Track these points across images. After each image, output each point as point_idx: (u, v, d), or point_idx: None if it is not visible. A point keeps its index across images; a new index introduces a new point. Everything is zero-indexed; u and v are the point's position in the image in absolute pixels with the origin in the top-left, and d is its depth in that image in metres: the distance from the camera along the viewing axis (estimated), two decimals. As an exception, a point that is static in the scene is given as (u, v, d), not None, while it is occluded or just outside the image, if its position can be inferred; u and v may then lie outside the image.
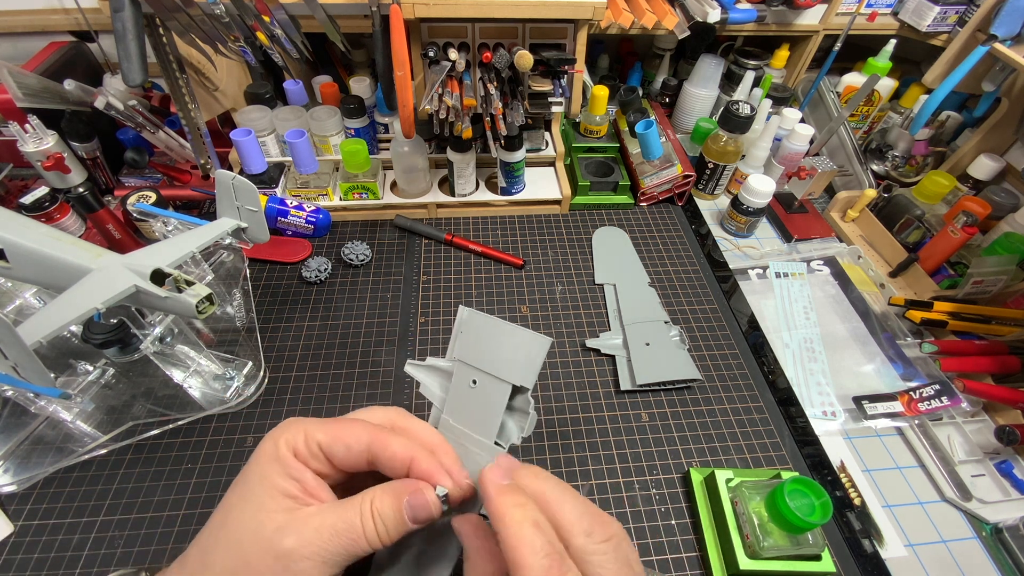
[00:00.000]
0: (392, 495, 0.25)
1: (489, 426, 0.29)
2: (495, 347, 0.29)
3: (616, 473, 0.51)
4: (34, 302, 0.57)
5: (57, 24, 0.74)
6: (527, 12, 0.61)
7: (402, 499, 0.25)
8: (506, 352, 0.29)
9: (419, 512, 0.25)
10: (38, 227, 0.41)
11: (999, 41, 0.70)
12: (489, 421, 0.29)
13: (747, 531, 0.43)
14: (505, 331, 0.29)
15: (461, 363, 0.30)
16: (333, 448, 0.26)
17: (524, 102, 0.66)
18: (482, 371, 0.29)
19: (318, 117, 0.74)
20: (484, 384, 0.29)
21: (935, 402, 0.55)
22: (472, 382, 0.29)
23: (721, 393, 0.58)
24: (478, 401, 0.29)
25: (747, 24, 0.82)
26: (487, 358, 0.29)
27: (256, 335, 0.60)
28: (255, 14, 0.56)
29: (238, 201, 0.48)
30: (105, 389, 0.53)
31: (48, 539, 0.45)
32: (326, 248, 0.71)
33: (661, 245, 0.74)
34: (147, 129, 0.69)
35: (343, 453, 0.26)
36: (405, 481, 0.26)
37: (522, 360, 0.28)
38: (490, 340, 0.29)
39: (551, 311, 0.65)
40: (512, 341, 0.29)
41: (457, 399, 0.30)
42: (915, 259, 0.68)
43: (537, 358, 0.28)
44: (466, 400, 0.30)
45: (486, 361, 0.29)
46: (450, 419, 0.30)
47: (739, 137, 0.76)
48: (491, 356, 0.29)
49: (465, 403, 0.30)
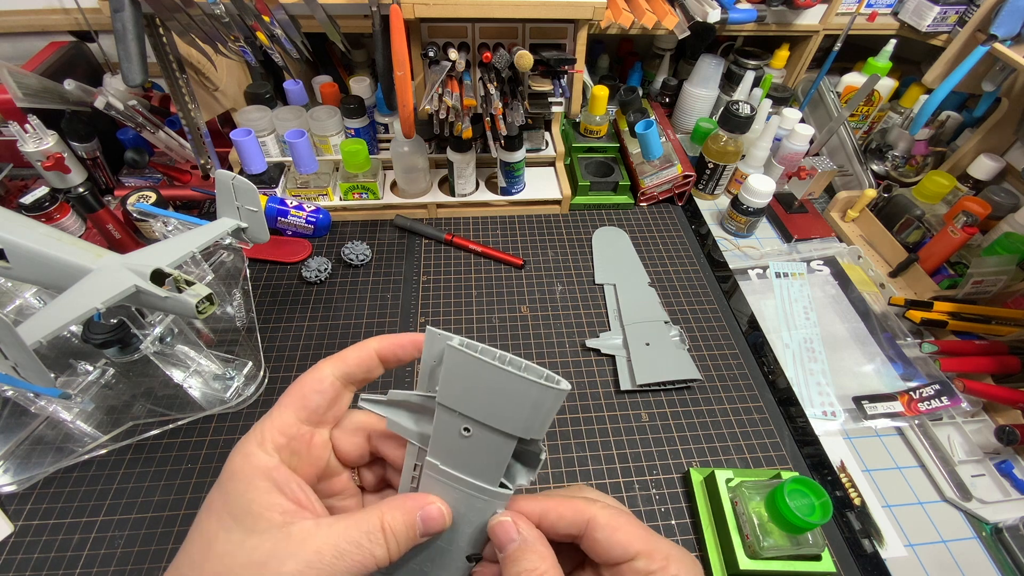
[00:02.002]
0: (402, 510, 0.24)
1: (491, 473, 0.24)
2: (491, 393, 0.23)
3: (616, 473, 0.51)
4: (34, 302, 0.57)
5: (57, 24, 0.74)
6: (527, 12, 0.61)
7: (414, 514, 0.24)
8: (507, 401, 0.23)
9: (431, 525, 0.24)
10: (38, 227, 0.41)
11: (999, 41, 0.70)
12: (491, 468, 0.24)
13: (747, 531, 0.43)
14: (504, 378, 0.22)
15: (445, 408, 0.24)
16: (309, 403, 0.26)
17: (524, 102, 0.66)
18: (477, 421, 0.23)
19: (318, 117, 0.74)
20: (481, 435, 0.24)
21: (935, 402, 0.55)
22: (464, 430, 0.24)
23: (721, 393, 0.58)
24: (474, 450, 0.24)
25: (747, 24, 0.82)
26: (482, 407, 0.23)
27: (256, 335, 0.60)
28: (255, 14, 0.56)
29: (238, 201, 0.48)
30: (105, 389, 0.53)
31: (48, 539, 0.45)
32: (326, 248, 0.71)
33: (661, 245, 0.74)
34: (147, 129, 0.69)
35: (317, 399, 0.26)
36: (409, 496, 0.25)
37: (530, 412, 0.23)
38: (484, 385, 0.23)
39: (551, 311, 0.65)
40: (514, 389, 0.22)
41: (445, 444, 0.24)
42: (915, 259, 0.68)
43: (549, 410, 0.23)
44: (457, 446, 0.24)
45: (480, 410, 0.23)
46: (438, 463, 0.25)
47: (739, 137, 0.76)
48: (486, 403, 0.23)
49: (457, 448, 0.24)
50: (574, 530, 0.25)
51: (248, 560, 0.21)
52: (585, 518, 0.25)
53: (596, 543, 0.24)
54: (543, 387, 0.22)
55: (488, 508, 0.25)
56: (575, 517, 0.25)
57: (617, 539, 0.24)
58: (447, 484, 0.25)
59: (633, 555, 0.24)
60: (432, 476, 0.25)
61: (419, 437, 0.25)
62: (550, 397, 0.22)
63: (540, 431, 0.23)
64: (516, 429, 0.23)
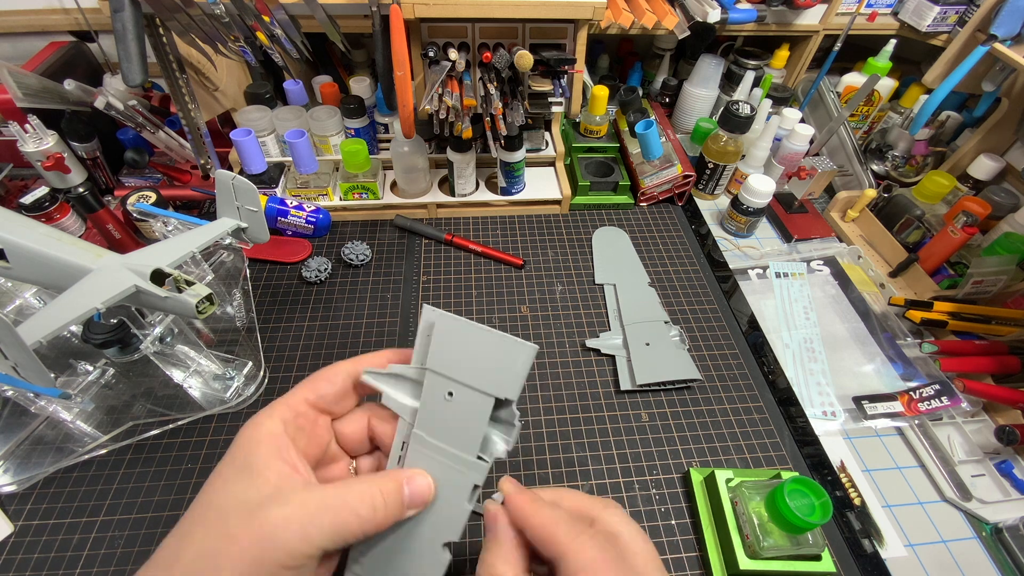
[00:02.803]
0: (390, 478, 0.26)
1: (470, 441, 0.26)
2: (472, 355, 0.26)
3: (616, 473, 0.51)
4: (34, 302, 0.57)
5: (57, 24, 0.74)
6: (527, 12, 0.61)
7: (402, 483, 0.26)
8: (486, 361, 0.26)
9: (417, 497, 0.26)
10: (38, 227, 0.41)
11: (999, 41, 0.70)
12: (470, 435, 0.26)
13: (747, 531, 0.43)
14: (484, 338, 0.26)
15: (433, 372, 0.27)
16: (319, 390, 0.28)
17: (524, 102, 0.65)
18: (459, 382, 0.26)
19: (318, 117, 0.74)
20: (462, 396, 0.26)
21: (935, 402, 0.55)
22: (448, 394, 0.26)
23: (721, 393, 0.58)
24: (456, 415, 0.26)
25: (747, 24, 0.82)
26: (464, 368, 0.26)
27: (256, 335, 0.60)
28: (255, 14, 0.56)
29: (238, 201, 0.48)
30: (105, 389, 0.53)
31: (48, 539, 0.45)
32: (326, 248, 0.71)
33: (661, 245, 0.74)
34: (147, 129, 0.69)
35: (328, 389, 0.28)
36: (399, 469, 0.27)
37: (505, 370, 0.25)
38: (466, 347, 0.26)
39: (551, 311, 0.65)
40: (492, 348, 0.25)
41: (430, 412, 0.27)
42: (915, 259, 0.68)
43: (522, 367, 0.25)
44: (441, 413, 0.27)
45: (463, 371, 0.26)
46: (423, 434, 0.27)
47: (739, 137, 0.76)
48: (468, 365, 0.26)
49: (440, 416, 0.27)
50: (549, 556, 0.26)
51: (242, 505, 0.23)
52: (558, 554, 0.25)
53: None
54: (515, 343, 0.25)
55: (466, 483, 0.27)
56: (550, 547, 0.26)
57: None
58: (429, 456, 0.27)
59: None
60: (417, 449, 0.27)
61: (409, 412, 0.28)
62: (523, 353, 0.25)
63: (514, 390, 0.26)
64: (492, 387, 0.26)
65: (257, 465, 0.24)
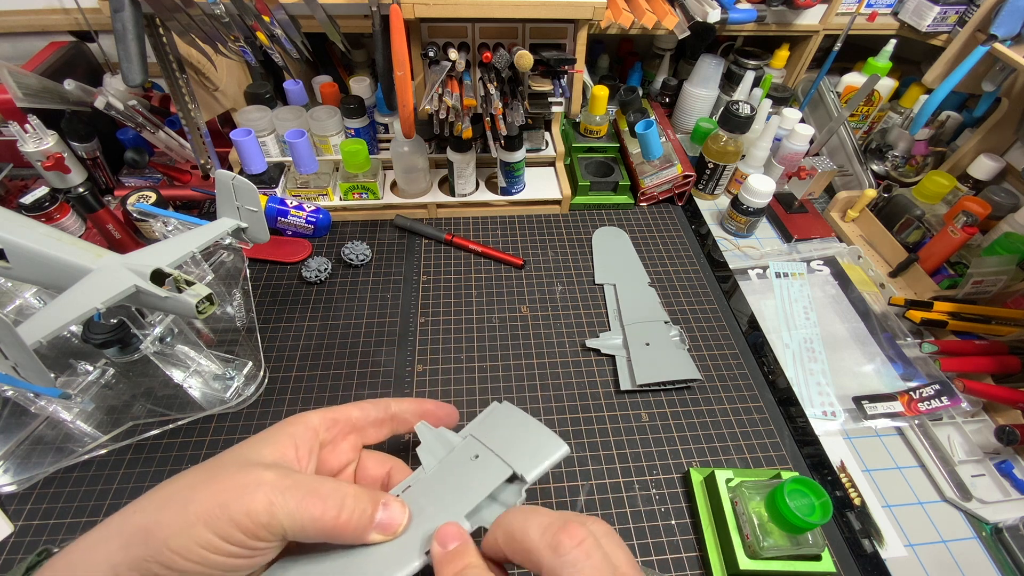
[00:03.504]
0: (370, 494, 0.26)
1: (467, 501, 0.27)
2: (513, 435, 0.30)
3: (616, 473, 0.51)
4: (34, 302, 0.57)
5: (57, 24, 0.74)
6: (527, 12, 0.61)
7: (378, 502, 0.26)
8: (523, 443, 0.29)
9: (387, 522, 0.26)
10: (38, 227, 0.41)
11: (999, 41, 0.70)
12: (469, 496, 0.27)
13: (747, 531, 0.43)
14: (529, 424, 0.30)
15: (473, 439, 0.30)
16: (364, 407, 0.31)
17: (524, 102, 0.66)
18: (490, 450, 0.29)
19: (318, 117, 0.74)
20: (485, 461, 0.29)
21: (935, 402, 0.55)
22: (474, 456, 0.29)
23: (721, 393, 0.58)
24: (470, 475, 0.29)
25: (747, 24, 0.82)
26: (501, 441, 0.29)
27: (256, 335, 0.60)
28: (255, 14, 0.56)
29: (238, 201, 0.48)
30: (105, 389, 0.53)
31: (48, 539, 0.45)
32: (326, 248, 0.71)
33: (661, 245, 0.74)
34: (147, 129, 0.69)
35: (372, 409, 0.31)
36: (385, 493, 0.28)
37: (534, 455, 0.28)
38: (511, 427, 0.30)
39: (551, 311, 0.65)
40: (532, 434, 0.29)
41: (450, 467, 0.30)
42: (915, 259, 0.68)
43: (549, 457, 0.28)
44: (458, 471, 0.29)
45: (499, 443, 0.29)
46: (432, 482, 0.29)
47: (739, 137, 0.76)
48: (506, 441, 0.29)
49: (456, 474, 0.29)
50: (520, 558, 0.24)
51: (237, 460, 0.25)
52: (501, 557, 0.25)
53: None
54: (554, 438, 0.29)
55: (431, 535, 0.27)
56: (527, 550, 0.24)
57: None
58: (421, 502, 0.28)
59: None
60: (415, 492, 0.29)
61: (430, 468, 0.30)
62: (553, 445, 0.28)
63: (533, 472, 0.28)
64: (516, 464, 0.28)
65: (272, 438, 0.27)
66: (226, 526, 0.22)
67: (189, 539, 0.22)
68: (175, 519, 0.22)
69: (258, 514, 0.22)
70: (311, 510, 0.23)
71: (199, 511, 0.22)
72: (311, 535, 0.24)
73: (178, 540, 0.22)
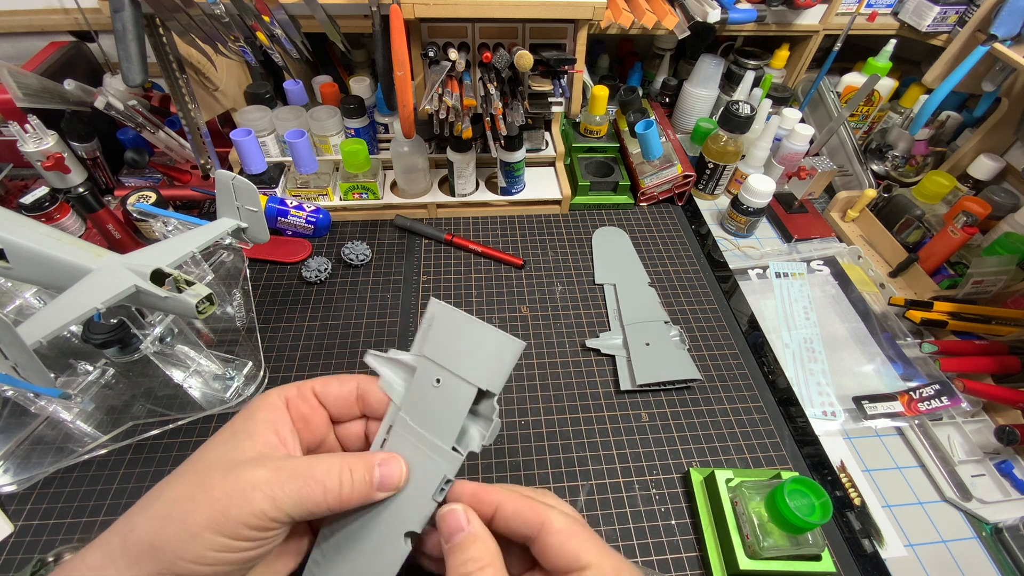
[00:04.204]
0: (363, 459, 0.26)
1: (448, 430, 0.27)
2: (465, 346, 0.27)
3: (616, 473, 0.51)
4: (34, 302, 0.57)
5: (57, 24, 0.74)
6: (527, 12, 0.61)
7: (374, 464, 0.26)
8: (476, 353, 0.27)
9: (387, 480, 0.26)
10: (38, 227, 0.41)
11: (999, 41, 0.70)
12: (449, 424, 0.27)
13: (747, 531, 0.43)
14: (477, 330, 0.27)
15: (426, 359, 0.28)
16: (327, 388, 0.29)
17: (524, 102, 0.66)
18: (448, 370, 0.27)
19: (318, 117, 0.74)
20: (448, 384, 0.27)
21: (935, 402, 0.55)
22: (436, 381, 0.28)
23: (721, 393, 0.58)
24: (440, 402, 0.27)
25: (747, 24, 0.82)
26: (455, 357, 0.27)
27: (256, 335, 0.60)
28: (255, 14, 0.56)
29: (238, 201, 0.48)
30: (105, 389, 0.53)
31: (48, 539, 0.45)
32: (326, 248, 0.71)
33: (661, 245, 0.74)
34: (147, 129, 0.69)
35: (336, 390, 0.29)
36: (377, 452, 0.27)
37: (492, 363, 0.27)
38: (461, 339, 0.28)
39: (551, 311, 0.65)
40: (484, 341, 0.27)
41: (418, 398, 0.28)
42: (915, 259, 0.68)
43: (508, 362, 0.27)
44: (427, 400, 0.28)
45: (453, 360, 0.27)
46: (408, 418, 0.28)
47: (739, 137, 0.76)
48: (460, 355, 0.27)
49: (426, 403, 0.28)
50: (527, 530, 0.26)
51: (225, 461, 0.24)
52: (540, 520, 0.25)
53: (548, 548, 0.25)
54: (504, 338, 0.27)
55: (438, 472, 0.27)
56: (530, 516, 0.26)
57: (570, 546, 0.25)
58: (409, 442, 0.28)
59: (583, 565, 0.24)
60: (399, 433, 0.28)
61: (400, 397, 0.29)
62: (509, 348, 0.27)
63: (496, 383, 0.27)
64: (477, 378, 0.27)
65: (249, 430, 0.26)
66: (235, 527, 0.22)
67: (201, 547, 0.22)
68: (180, 532, 0.22)
69: (263, 512, 0.23)
70: (313, 495, 0.24)
71: (202, 521, 0.22)
72: (319, 514, 0.25)
73: (190, 551, 0.22)
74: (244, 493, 0.23)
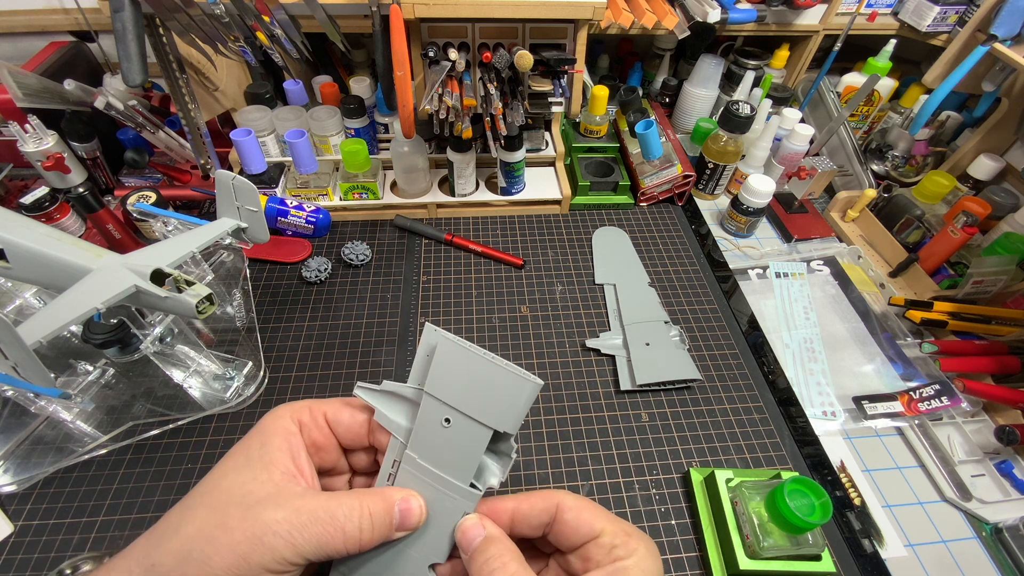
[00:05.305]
0: (382, 498, 0.25)
1: (464, 469, 0.26)
2: (474, 384, 0.25)
3: (616, 473, 0.51)
4: (34, 302, 0.57)
5: (57, 24, 0.74)
6: (527, 12, 0.61)
7: (393, 504, 0.25)
8: (487, 392, 0.25)
9: (406, 521, 0.26)
10: (38, 227, 0.41)
11: (999, 41, 0.70)
12: (464, 464, 0.26)
13: (747, 531, 0.43)
14: (487, 368, 0.25)
15: (431, 397, 0.26)
16: (339, 415, 0.28)
17: (524, 102, 0.66)
18: (458, 411, 0.25)
19: (318, 117, 0.74)
20: (459, 425, 0.25)
21: (935, 402, 0.55)
22: (444, 420, 0.26)
23: (721, 393, 0.58)
24: (452, 442, 0.26)
25: (747, 24, 0.82)
26: (464, 397, 0.25)
27: (256, 335, 0.60)
28: (255, 14, 0.56)
29: (238, 201, 0.48)
30: (105, 389, 0.53)
31: (48, 539, 0.45)
32: (326, 248, 0.71)
33: (661, 245, 0.74)
34: (147, 129, 0.69)
35: (348, 419, 0.28)
36: (392, 488, 0.27)
37: (506, 403, 0.25)
38: (468, 375, 0.25)
39: (551, 311, 0.65)
40: (495, 380, 0.25)
41: (425, 436, 0.26)
42: (915, 259, 0.68)
43: (525, 403, 0.25)
44: (437, 439, 0.26)
45: (463, 401, 0.25)
46: (416, 456, 0.26)
47: (739, 137, 0.76)
48: (469, 394, 0.25)
49: (436, 441, 0.26)
50: (546, 516, 0.27)
51: (243, 497, 0.24)
52: (554, 501, 0.27)
53: (565, 525, 0.27)
54: (519, 378, 0.25)
55: (457, 509, 0.26)
56: (545, 503, 0.27)
57: (584, 517, 0.26)
58: (421, 480, 0.26)
59: (599, 531, 0.26)
60: (408, 471, 0.27)
61: (403, 432, 0.27)
62: (526, 390, 0.25)
63: (514, 425, 0.26)
64: (492, 421, 0.25)
65: (266, 459, 0.25)
66: (256, 572, 0.22)
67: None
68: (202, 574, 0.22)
69: (283, 556, 0.23)
70: (333, 543, 0.24)
71: (224, 565, 0.22)
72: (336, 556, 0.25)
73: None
74: (265, 538, 0.22)
